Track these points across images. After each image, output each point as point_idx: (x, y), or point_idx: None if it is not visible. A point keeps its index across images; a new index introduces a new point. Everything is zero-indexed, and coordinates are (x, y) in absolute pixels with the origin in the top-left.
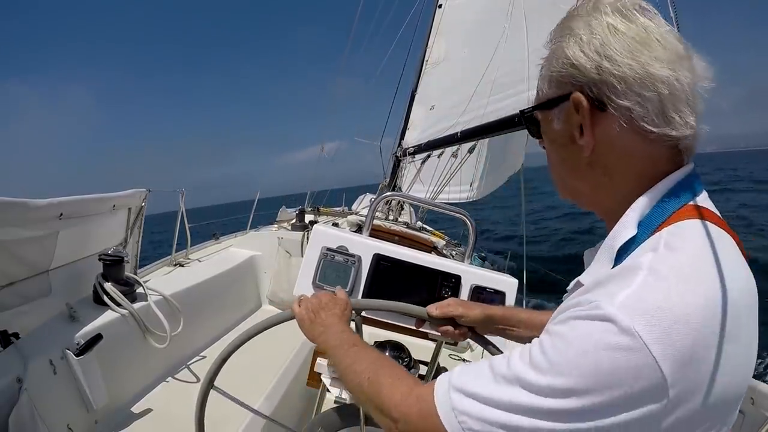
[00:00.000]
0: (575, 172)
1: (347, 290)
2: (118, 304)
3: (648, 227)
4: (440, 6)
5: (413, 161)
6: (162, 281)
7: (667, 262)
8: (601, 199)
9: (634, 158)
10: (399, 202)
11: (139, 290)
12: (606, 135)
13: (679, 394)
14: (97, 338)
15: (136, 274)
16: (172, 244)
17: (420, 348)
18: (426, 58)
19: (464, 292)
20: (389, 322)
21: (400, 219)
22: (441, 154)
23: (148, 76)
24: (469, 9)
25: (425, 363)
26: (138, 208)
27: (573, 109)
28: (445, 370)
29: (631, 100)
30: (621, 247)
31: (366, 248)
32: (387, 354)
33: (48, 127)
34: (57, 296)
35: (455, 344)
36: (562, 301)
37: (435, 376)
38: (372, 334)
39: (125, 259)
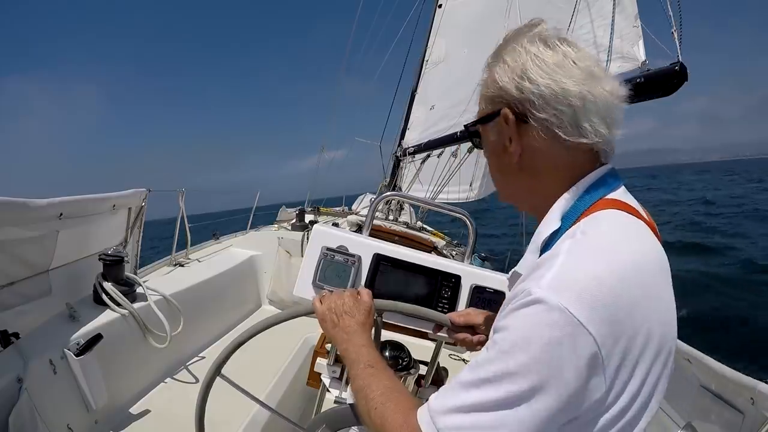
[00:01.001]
0: (509, 177)
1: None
2: (118, 304)
3: (569, 219)
4: (440, 6)
5: (413, 161)
6: (162, 281)
7: (581, 244)
8: (532, 200)
9: (556, 162)
10: (399, 202)
11: (139, 290)
12: (530, 143)
13: (610, 348)
14: (97, 338)
15: (136, 274)
16: (172, 244)
17: (420, 348)
18: (426, 58)
19: (464, 292)
20: (390, 322)
21: (400, 219)
22: (441, 154)
23: (154, 76)
24: (469, 9)
25: (425, 363)
26: (138, 208)
27: (503, 122)
28: (445, 370)
29: (548, 113)
30: (548, 238)
31: (366, 248)
32: (387, 354)
33: (50, 126)
34: (57, 296)
35: (455, 344)
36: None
37: (435, 376)
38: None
39: (125, 259)
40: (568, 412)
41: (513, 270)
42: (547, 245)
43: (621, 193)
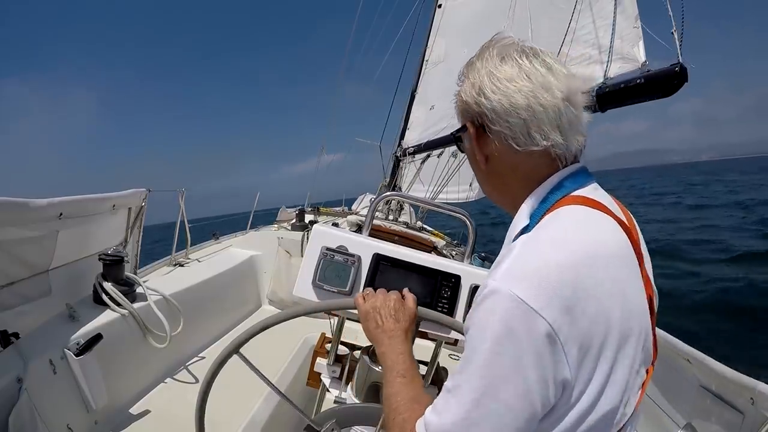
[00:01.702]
0: (483, 180)
1: (347, 290)
2: (118, 304)
3: (536, 216)
4: (440, 6)
5: (413, 161)
6: (162, 281)
7: (537, 236)
8: (504, 199)
9: (519, 167)
10: (399, 202)
11: (139, 290)
12: (492, 152)
13: (567, 332)
14: (97, 338)
15: (136, 274)
16: (172, 244)
17: (420, 348)
18: (426, 58)
19: (464, 292)
20: None
21: (400, 219)
22: (441, 154)
23: (153, 81)
24: (469, 9)
25: (425, 363)
26: (138, 208)
27: (469, 134)
28: (445, 370)
29: (502, 125)
30: (518, 234)
31: (366, 248)
32: None
33: (44, 131)
34: (57, 296)
35: (455, 344)
36: None
37: (435, 376)
38: None
39: (125, 259)
40: (540, 400)
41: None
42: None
43: (590, 190)
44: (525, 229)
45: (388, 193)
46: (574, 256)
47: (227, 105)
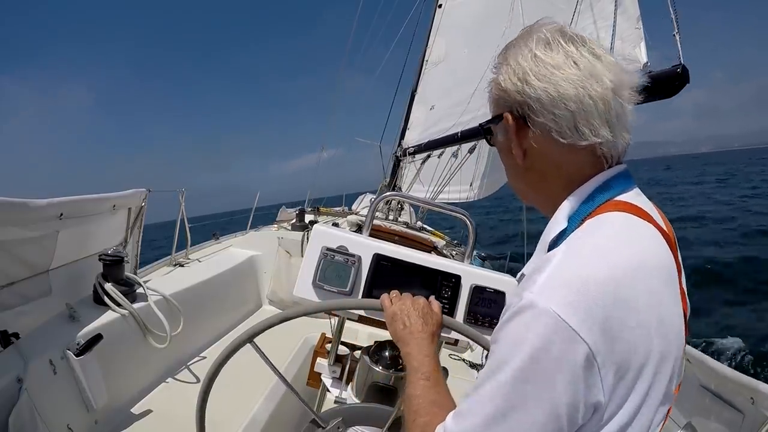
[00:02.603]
0: (518, 177)
1: (347, 290)
2: (118, 304)
3: (575, 220)
4: (440, 6)
5: (413, 161)
6: (162, 281)
7: (577, 246)
8: (540, 199)
9: (559, 164)
10: (399, 202)
11: (139, 290)
12: (533, 146)
13: (606, 354)
14: (97, 338)
15: (136, 274)
16: (173, 244)
17: None
18: (426, 58)
19: (464, 292)
20: None
21: (400, 219)
22: (441, 154)
23: (149, 78)
24: (469, 9)
25: None
26: (138, 208)
27: (506, 125)
28: (445, 370)
29: (546, 117)
30: (555, 238)
31: (366, 248)
32: (386, 354)
33: (38, 129)
34: (57, 296)
35: (455, 344)
36: None
37: None
38: (372, 334)
39: (125, 259)
40: (568, 421)
41: (520, 272)
42: (553, 246)
43: (633, 195)
44: (562, 233)
45: (388, 193)
46: (619, 271)
47: (226, 101)
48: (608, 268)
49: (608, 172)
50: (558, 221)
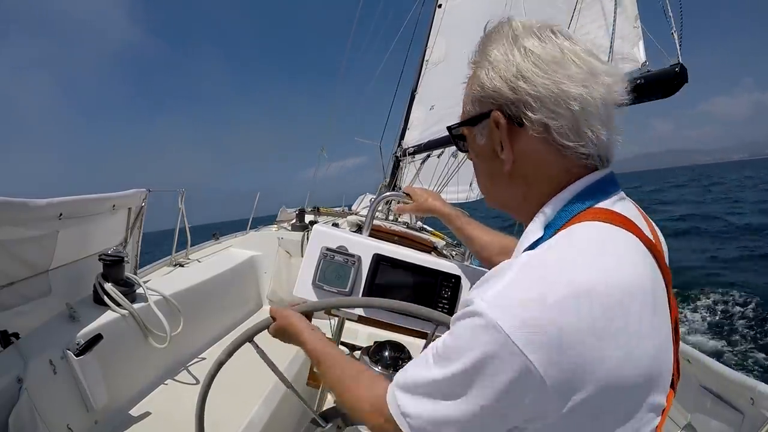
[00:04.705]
0: (499, 183)
1: (347, 290)
2: (118, 305)
3: (552, 229)
4: (440, 6)
5: (413, 161)
6: (162, 281)
7: (538, 259)
8: (523, 207)
9: (550, 170)
10: (399, 202)
11: (139, 290)
12: (523, 149)
13: (558, 382)
14: (97, 338)
15: (136, 274)
16: (173, 244)
17: (420, 348)
18: (426, 58)
19: (464, 293)
20: (389, 322)
21: (400, 219)
22: (441, 154)
23: (147, 77)
24: (469, 9)
25: None
26: (138, 209)
27: (494, 125)
28: None
29: (545, 116)
30: (528, 248)
31: (366, 248)
32: (386, 354)
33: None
34: (57, 296)
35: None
36: None
37: None
38: (372, 334)
39: (125, 259)
40: (503, 421)
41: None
42: None
43: (614, 201)
44: (537, 242)
45: (388, 193)
46: (579, 290)
47: (225, 103)
48: (568, 287)
49: (590, 176)
50: (534, 230)
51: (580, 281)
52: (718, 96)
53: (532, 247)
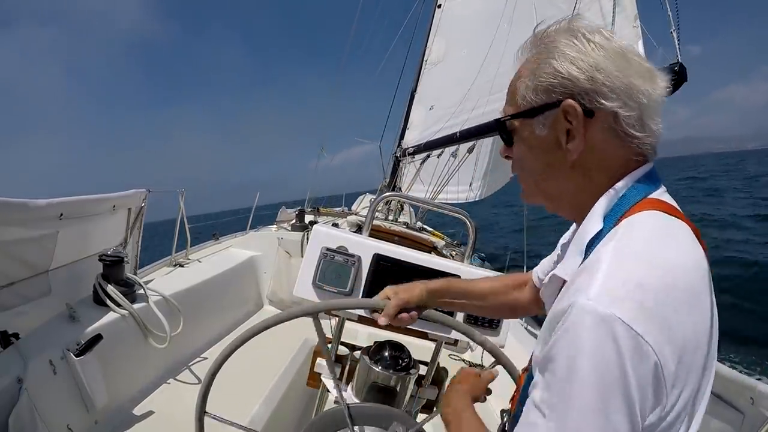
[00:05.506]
0: (556, 176)
1: (347, 290)
2: (118, 305)
3: (611, 220)
4: (440, 6)
5: (413, 161)
6: (162, 281)
7: (625, 249)
8: (575, 199)
9: (611, 160)
10: (399, 202)
11: (139, 291)
12: (592, 138)
13: (667, 358)
14: (97, 338)
15: (136, 274)
16: (172, 245)
17: (420, 348)
18: (426, 58)
19: None
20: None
21: (400, 219)
22: (440, 154)
23: (146, 76)
24: (469, 9)
25: (425, 363)
26: (138, 209)
27: (561, 115)
28: (445, 370)
29: (619, 106)
30: (591, 239)
31: (366, 248)
32: (386, 354)
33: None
34: (57, 296)
35: (455, 344)
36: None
37: (435, 376)
38: (372, 334)
39: (125, 259)
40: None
41: (551, 273)
42: (589, 247)
43: (661, 193)
44: (599, 234)
45: (388, 194)
46: (670, 274)
47: (225, 98)
48: (660, 272)
49: (643, 168)
50: (593, 221)
51: (668, 266)
52: (735, 83)
53: (595, 238)
